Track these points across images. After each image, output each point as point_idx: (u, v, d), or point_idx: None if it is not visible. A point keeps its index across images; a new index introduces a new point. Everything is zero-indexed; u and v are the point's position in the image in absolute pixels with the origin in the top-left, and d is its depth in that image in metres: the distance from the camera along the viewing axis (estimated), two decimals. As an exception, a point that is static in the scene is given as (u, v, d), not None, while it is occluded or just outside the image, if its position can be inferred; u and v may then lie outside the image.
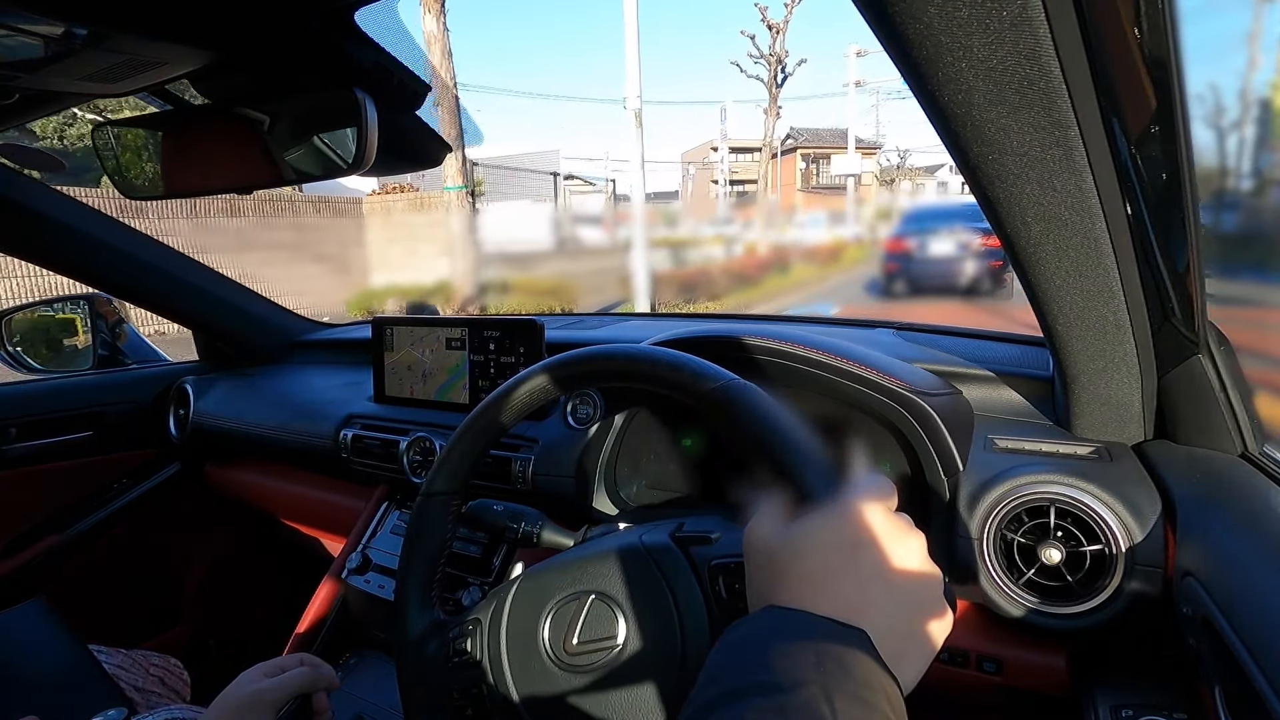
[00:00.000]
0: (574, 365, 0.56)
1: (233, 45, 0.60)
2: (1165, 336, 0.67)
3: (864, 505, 0.40)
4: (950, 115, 0.47)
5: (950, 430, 0.76)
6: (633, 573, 0.53)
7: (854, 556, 0.38)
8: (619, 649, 0.51)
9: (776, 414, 0.46)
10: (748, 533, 0.43)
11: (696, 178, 32.07)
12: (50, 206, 1.13)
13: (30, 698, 0.75)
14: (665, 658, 0.50)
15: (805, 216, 13.57)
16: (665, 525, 0.56)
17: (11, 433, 1.29)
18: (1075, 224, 0.54)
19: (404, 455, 1.11)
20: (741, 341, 0.87)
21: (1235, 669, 0.46)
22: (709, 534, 0.53)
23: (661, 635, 0.51)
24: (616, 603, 0.52)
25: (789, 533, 0.41)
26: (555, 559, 0.58)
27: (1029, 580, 0.68)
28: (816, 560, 0.39)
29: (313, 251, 8.68)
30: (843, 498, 0.41)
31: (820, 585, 0.38)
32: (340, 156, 0.65)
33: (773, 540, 0.41)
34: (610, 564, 0.54)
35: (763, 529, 0.42)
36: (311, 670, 0.65)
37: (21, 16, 0.50)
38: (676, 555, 0.52)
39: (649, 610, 0.51)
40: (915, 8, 0.40)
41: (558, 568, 0.56)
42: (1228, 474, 0.65)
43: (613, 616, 0.52)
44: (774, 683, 0.31)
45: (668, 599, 0.51)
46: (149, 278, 1.32)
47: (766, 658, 0.33)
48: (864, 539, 0.39)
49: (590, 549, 0.57)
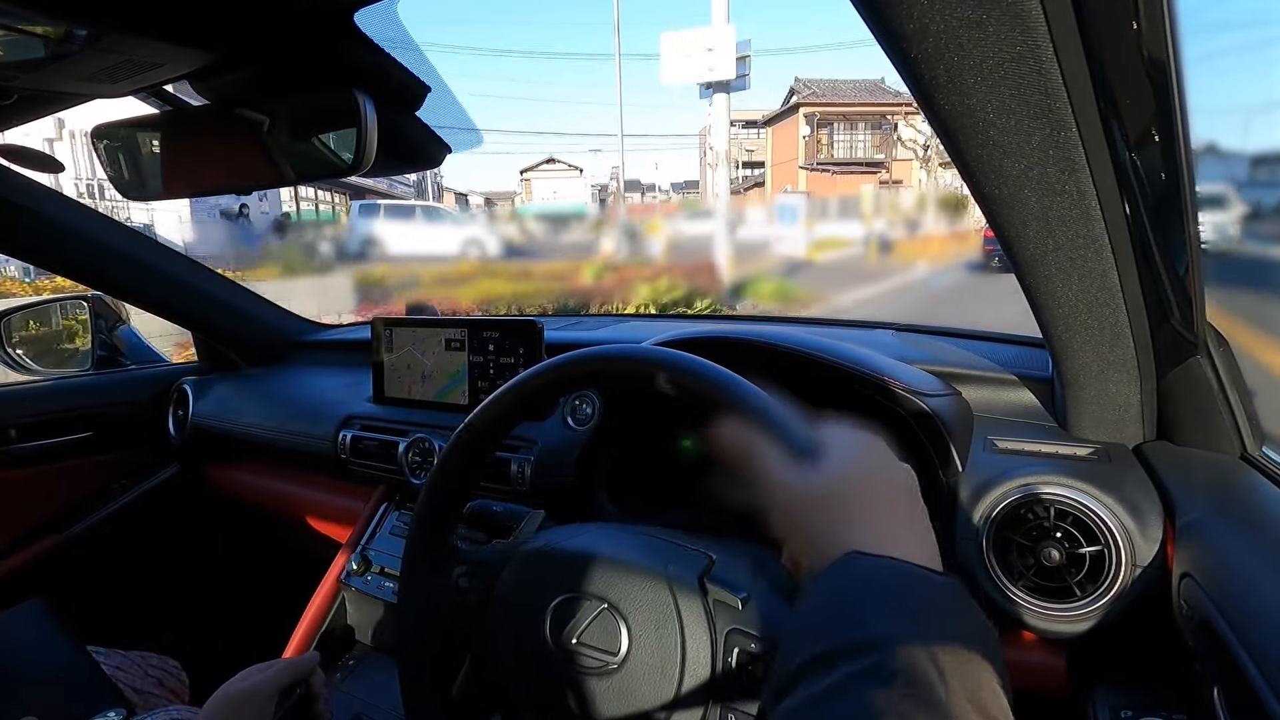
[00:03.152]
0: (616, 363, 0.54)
1: (232, 46, 0.60)
2: (1164, 337, 0.67)
3: (867, 449, 0.41)
4: (949, 115, 0.47)
5: (950, 431, 0.76)
6: (650, 599, 0.51)
7: (898, 495, 0.39)
8: (614, 667, 0.50)
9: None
10: (766, 475, 0.41)
11: (707, 161, 29.68)
12: (50, 206, 1.13)
13: (29, 698, 0.75)
14: (656, 695, 0.49)
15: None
16: (696, 559, 0.53)
17: (11, 433, 1.29)
18: (1074, 225, 0.54)
19: (403, 456, 1.11)
20: (742, 342, 0.87)
21: (1234, 669, 0.46)
22: (737, 595, 0.49)
23: (659, 674, 0.49)
24: (625, 622, 0.51)
25: (819, 476, 0.39)
26: (579, 542, 0.57)
27: (1029, 581, 0.68)
28: (873, 500, 0.38)
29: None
30: (839, 445, 0.41)
31: (891, 529, 0.36)
32: (340, 157, 0.65)
33: (809, 484, 0.39)
34: (631, 580, 0.52)
35: (785, 472, 0.40)
36: (297, 658, 0.68)
37: (21, 16, 0.51)
38: (698, 604, 0.50)
39: (654, 645, 0.50)
40: (913, 7, 0.39)
41: (581, 556, 0.55)
42: (1227, 475, 0.65)
43: (617, 632, 0.51)
44: (887, 639, 0.29)
45: (676, 643, 0.49)
46: (148, 278, 1.32)
47: (871, 613, 0.31)
48: (888, 476, 0.39)
49: (618, 550, 0.55)
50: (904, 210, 13.31)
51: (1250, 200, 2.24)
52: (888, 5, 0.40)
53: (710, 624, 0.49)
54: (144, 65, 0.60)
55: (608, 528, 0.60)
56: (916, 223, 12.84)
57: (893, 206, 13.75)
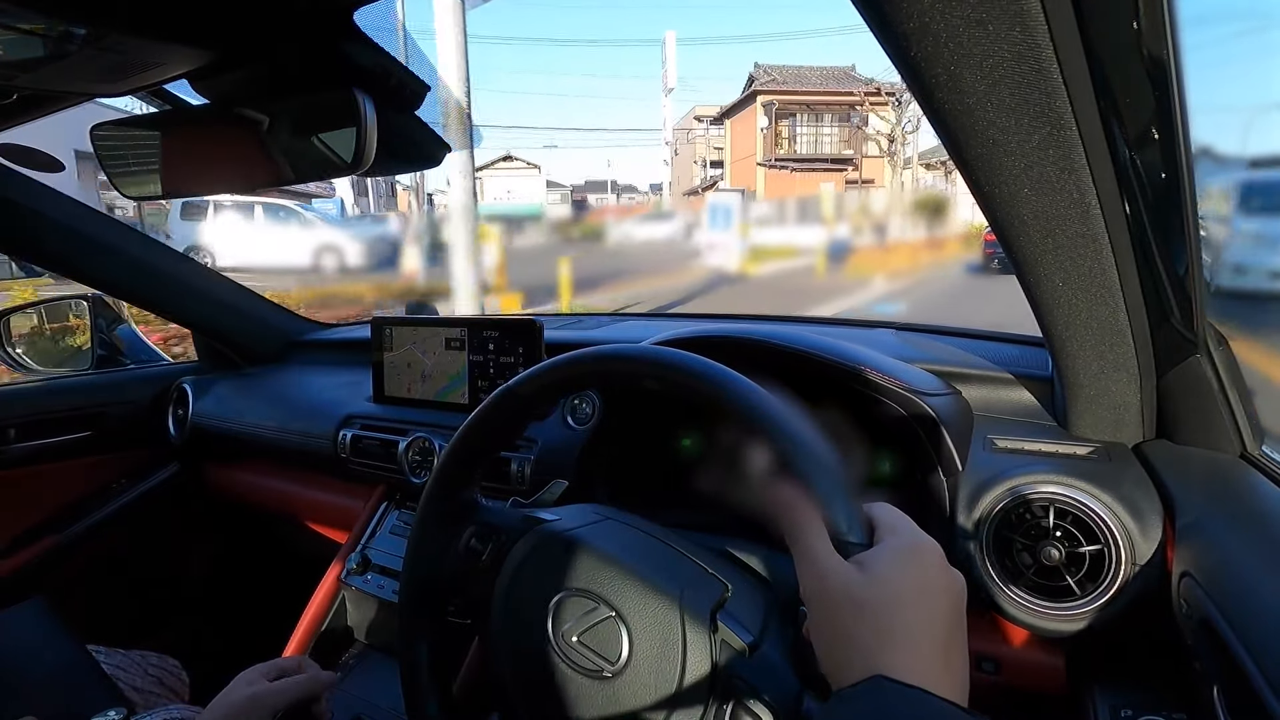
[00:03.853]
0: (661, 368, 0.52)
1: (232, 45, 0.60)
2: (1164, 336, 0.67)
3: (923, 556, 0.39)
4: (948, 114, 0.47)
5: (950, 430, 0.76)
6: (658, 619, 0.50)
7: (945, 616, 0.37)
8: (610, 675, 0.50)
9: (808, 440, 0.44)
10: (811, 564, 0.39)
11: (677, 159, 26.23)
12: (50, 206, 1.13)
13: (29, 698, 0.75)
14: (646, 714, 0.49)
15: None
16: (712, 587, 0.52)
17: (11, 433, 1.29)
18: (1074, 224, 0.54)
19: (403, 456, 1.11)
20: (742, 341, 0.87)
21: (1234, 669, 0.46)
22: (745, 640, 0.47)
23: (652, 694, 0.49)
24: (630, 634, 0.50)
25: (866, 579, 0.37)
26: (600, 540, 0.56)
27: (1028, 580, 0.68)
28: (917, 619, 0.36)
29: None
30: (894, 546, 0.39)
31: (929, 655, 0.35)
32: (339, 157, 0.64)
33: (854, 587, 0.37)
34: (643, 595, 0.51)
35: (831, 566, 0.38)
36: (312, 677, 0.65)
37: (21, 16, 0.50)
38: (705, 638, 0.49)
39: (654, 664, 0.49)
40: (914, 5, 0.39)
41: (599, 554, 0.54)
42: (1227, 474, 0.65)
43: (620, 642, 0.50)
44: None
45: (675, 670, 0.49)
46: (148, 278, 1.32)
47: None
48: (937, 592, 0.38)
49: (638, 560, 0.54)
50: (873, 214, 11.95)
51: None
52: (888, 3, 0.40)
53: (713, 662, 0.48)
54: (144, 65, 0.60)
55: (628, 528, 0.59)
56: (885, 228, 11.60)
57: (862, 209, 12.33)
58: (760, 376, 0.48)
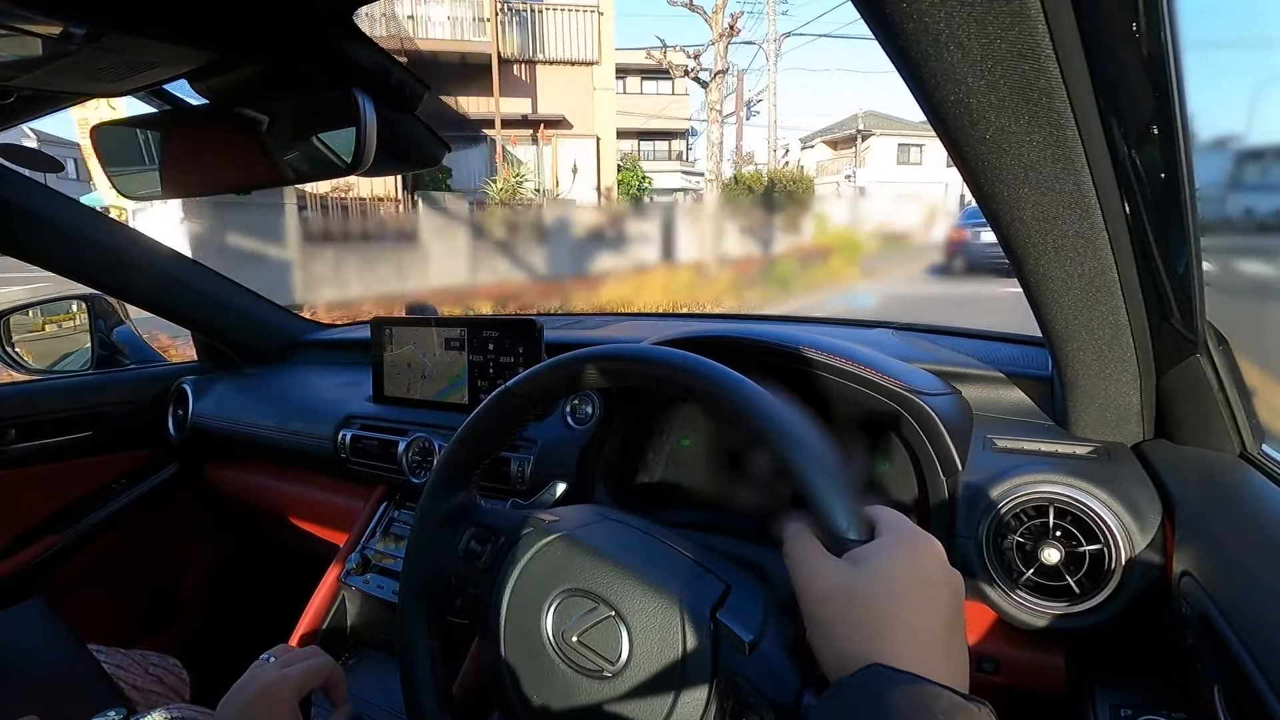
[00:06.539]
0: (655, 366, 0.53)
1: (231, 45, 0.60)
2: (1164, 336, 0.67)
3: (921, 550, 0.39)
4: (947, 113, 0.47)
5: (949, 430, 0.76)
6: (659, 620, 0.50)
7: (942, 608, 0.37)
8: (610, 675, 0.50)
9: (807, 439, 0.44)
10: (802, 565, 0.40)
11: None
12: (49, 206, 1.13)
13: (30, 698, 0.75)
14: (646, 714, 0.49)
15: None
16: (712, 585, 0.52)
17: (11, 433, 1.29)
18: (1073, 223, 0.54)
19: (403, 456, 1.11)
20: (742, 341, 0.87)
21: (1234, 668, 0.46)
22: (745, 638, 0.47)
23: (651, 694, 0.49)
24: (630, 634, 0.50)
25: (860, 571, 0.37)
26: (599, 541, 0.56)
27: (1028, 580, 0.68)
28: (913, 610, 0.36)
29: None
30: (892, 541, 0.39)
31: (926, 644, 0.35)
32: (339, 156, 0.64)
33: (847, 579, 0.37)
34: (643, 595, 0.51)
35: (823, 563, 0.39)
36: (327, 665, 0.64)
37: (20, 16, 0.50)
38: (705, 636, 0.49)
39: (654, 665, 0.49)
40: (914, 4, 0.39)
41: (599, 554, 0.54)
42: (1227, 473, 0.65)
43: (620, 641, 0.50)
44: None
45: (676, 670, 0.49)
46: (147, 278, 1.32)
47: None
48: (936, 585, 0.38)
49: (637, 559, 0.54)
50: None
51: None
52: (888, 3, 0.40)
53: (713, 661, 0.48)
54: (144, 65, 0.60)
55: (628, 528, 0.59)
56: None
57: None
58: (760, 376, 0.48)
